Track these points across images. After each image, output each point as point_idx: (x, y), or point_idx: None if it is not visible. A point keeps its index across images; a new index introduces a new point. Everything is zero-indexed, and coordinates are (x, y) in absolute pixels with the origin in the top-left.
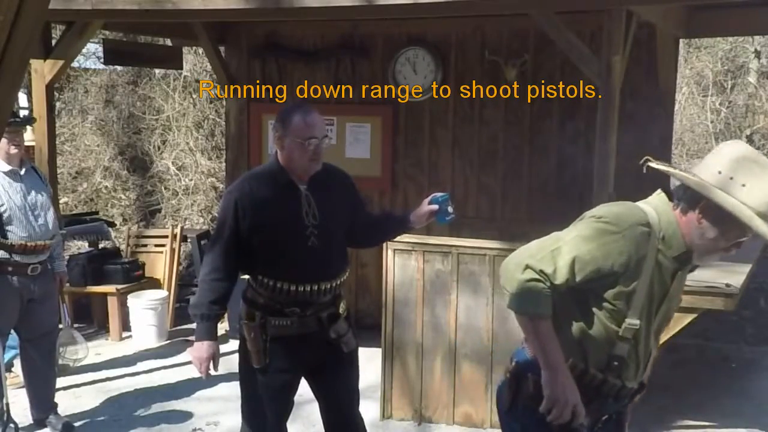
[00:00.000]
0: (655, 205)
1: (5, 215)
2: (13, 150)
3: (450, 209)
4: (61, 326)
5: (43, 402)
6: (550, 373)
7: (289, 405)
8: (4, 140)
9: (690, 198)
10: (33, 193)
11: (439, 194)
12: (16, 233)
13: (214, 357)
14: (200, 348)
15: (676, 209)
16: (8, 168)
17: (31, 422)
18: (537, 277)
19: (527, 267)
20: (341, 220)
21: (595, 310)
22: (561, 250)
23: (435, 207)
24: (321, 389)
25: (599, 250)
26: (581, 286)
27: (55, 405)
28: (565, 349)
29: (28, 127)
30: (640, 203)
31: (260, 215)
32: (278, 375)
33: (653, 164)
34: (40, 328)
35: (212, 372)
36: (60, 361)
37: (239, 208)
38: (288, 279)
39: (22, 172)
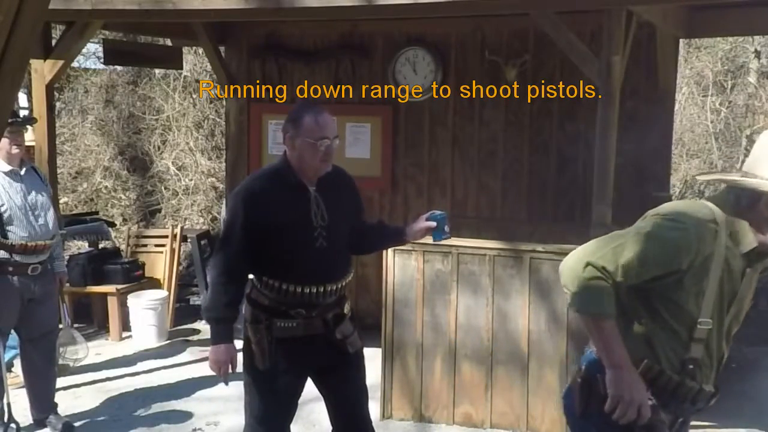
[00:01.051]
0: (720, 203)
1: (5, 215)
2: (15, 150)
3: (446, 228)
4: (61, 326)
5: (43, 402)
6: (614, 371)
7: (294, 407)
8: (5, 140)
9: (749, 196)
10: (33, 193)
11: (437, 212)
12: (16, 233)
13: (233, 359)
14: (218, 351)
15: (737, 207)
16: (8, 168)
17: (31, 422)
18: (599, 275)
19: (588, 264)
20: (348, 221)
21: (661, 310)
22: (623, 247)
23: (432, 224)
24: (328, 390)
25: (663, 247)
26: (646, 284)
27: (55, 405)
28: (638, 349)
29: (29, 127)
30: (704, 200)
31: (269, 216)
32: (283, 377)
33: (704, 177)
34: (41, 328)
35: (231, 374)
36: (60, 361)
37: (248, 209)
38: (295, 280)
39: (22, 172)
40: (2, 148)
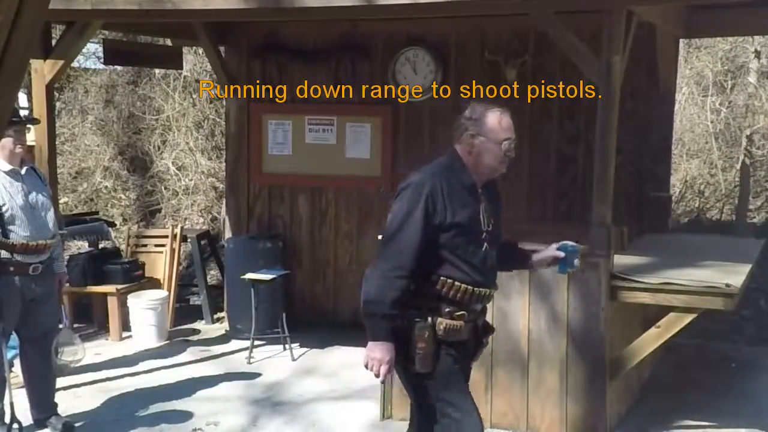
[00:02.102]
0: None
1: (7, 215)
2: (18, 149)
3: (576, 262)
4: (60, 326)
5: (43, 402)
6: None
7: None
8: (9, 139)
9: None
10: (34, 192)
11: (570, 244)
12: (17, 233)
13: (392, 360)
14: (380, 349)
15: None
16: (9, 168)
17: (32, 422)
18: None
19: None
20: (500, 229)
21: None
22: None
23: (561, 254)
24: None
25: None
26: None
27: (55, 405)
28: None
29: (30, 127)
30: None
31: (450, 214)
32: (449, 376)
33: None
34: (41, 328)
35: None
36: (58, 362)
37: (430, 204)
38: (466, 281)
39: (23, 171)
40: (5, 147)
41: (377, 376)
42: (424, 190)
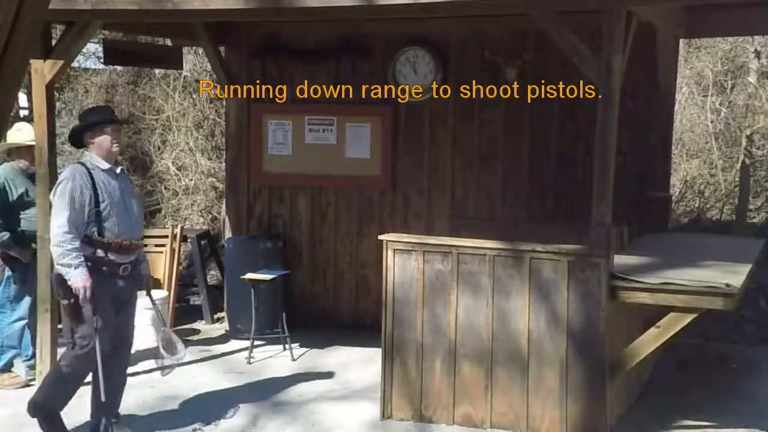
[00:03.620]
0: None
1: (104, 212)
2: (115, 148)
3: None
4: (163, 329)
5: (110, 407)
6: None
7: None
8: (107, 138)
9: None
10: (126, 191)
11: None
12: (112, 231)
13: None
14: None
15: None
16: (107, 166)
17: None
18: None
19: None
20: None
21: None
22: None
23: None
24: None
25: None
26: None
27: (118, 414)
28: None
29: (29, 127)
30: None
31: None
32: None
33: None
34: (121, 330)
35: None
36: (161, 363)
37: None
38: None
39: (117, 170)
40: (102, 146)
41: None
42: None
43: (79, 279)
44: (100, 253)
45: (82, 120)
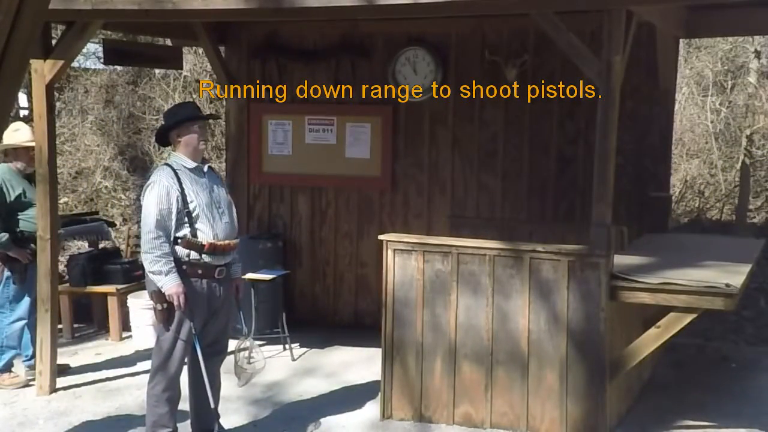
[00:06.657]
0: None
1: (194, 213)
2: (202, 145)
3: None
4: (243, 338)
5: (207, 414)
6: None
7: None
8: (194, 135)
9: None
10: (216, 190)
11: None
12: (205, 232)
13: None
14: None
15: None
16: (194, 165)
17: None
18: None
19: None
20: None
21: None
22: None
23: None
24: None
25: None
26: None
27: (218, 416)
28: None
29: (27, 127)
30: None
31: None
32: None
33: None
34: (214, 335)
35: None
36: (240, 370)
37: None
38: None
39: (205, 168)
40: (189, 144)
41: None
42: None
43: (171, 285)
44: (194, 255)
45: (167, 118)
